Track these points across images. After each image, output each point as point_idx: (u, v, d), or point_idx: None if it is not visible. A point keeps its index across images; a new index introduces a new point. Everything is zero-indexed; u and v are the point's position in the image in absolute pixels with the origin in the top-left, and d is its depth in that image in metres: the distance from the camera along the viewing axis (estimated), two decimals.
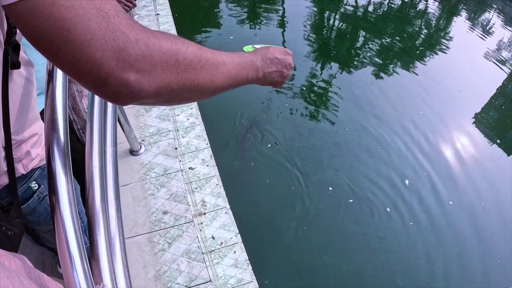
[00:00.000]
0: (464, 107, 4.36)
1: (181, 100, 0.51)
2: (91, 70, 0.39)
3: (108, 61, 0.39)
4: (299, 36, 5.40)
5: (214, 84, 0.54)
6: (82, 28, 0.37)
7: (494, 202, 3.12)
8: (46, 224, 1.01)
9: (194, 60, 0.48)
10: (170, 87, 0.46)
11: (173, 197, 2.03)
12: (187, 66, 0.47)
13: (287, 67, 0.75)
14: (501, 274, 2.58)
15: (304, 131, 3.50)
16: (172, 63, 0.45)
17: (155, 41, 0.43)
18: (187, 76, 0.47)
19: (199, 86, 0.51)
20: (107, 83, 0.40)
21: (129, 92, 0.42)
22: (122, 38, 0.39)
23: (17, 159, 0.82)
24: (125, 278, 0.72)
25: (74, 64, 0.39)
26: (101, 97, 0.43)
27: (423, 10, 7.33)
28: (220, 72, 0.54)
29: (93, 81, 0.40)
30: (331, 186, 2.95)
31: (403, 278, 2.43)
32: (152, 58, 0.42)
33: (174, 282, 1.68)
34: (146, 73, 0.42)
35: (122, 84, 0.41)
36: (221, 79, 0.55)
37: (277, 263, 2.39)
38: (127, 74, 0.40)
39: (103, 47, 0.38)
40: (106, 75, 0.39)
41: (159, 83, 0.44)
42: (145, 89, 0.43)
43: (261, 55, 0.70)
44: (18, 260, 0.62)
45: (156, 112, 2.54)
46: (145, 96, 0.43)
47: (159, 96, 0.45)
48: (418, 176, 3.21)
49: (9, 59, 0.69)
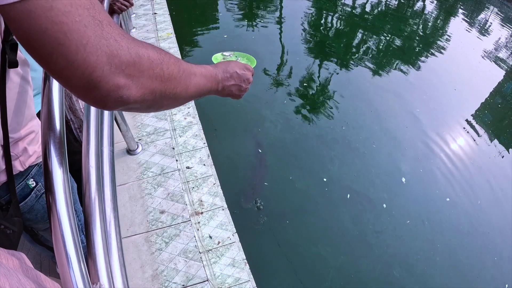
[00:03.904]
0: (460, 106, 4.39)
1: (159, 107, 0.54)
2: (84, 73, 0.40)
3: (101, 65, 0.40)
4: (297, 34, 5.41)
5: (187, 93, 0.58)
6: (78, 33, 0.38)
7: (491, 200, 3.14)
8: (44, 222, 1.01)
9: (174, 70, 0.52)
10: (154, 93, 0.48)
11: (170, 196, 2.03)
12: (170, 75, 0.51)
13: (245, 82, 0.79)
14: (498, 271, 2.60)
15: (300, 128, 3.51)
16: (157, 71, 0.48)
17: (144, 50, 0.45)
18: (168, 84, 0.51)
19: (176, 94, 0.54)
20: (98, 87, 0.41)
21: (119, 96, 0.43)
22: (115, 45, 0.41)
23: (14, 156, 0.82)
24: (122, 278, 0.72)
25: (66, 67, 0.39)
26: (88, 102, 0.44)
27: (420, 9, 7.35)
28: (193, 82, 0.59)
29: (84, 85, 0.41)
30: (330, 185, 2.96)
31: (400, 271, 2.45)
32: (141, 66, 0.45)
33: (171, 281, 1.68)
34: (135, 79, 0.44)
35: (113, 89, 0.42)
36: (192, 88, 0.59)
37: (274, 262, 2.39)
38: (118, 79, 0.42)
39: (97, 52, 0.39)
40: (98, 79, 0.41)
41: (145, 89, 0.46)
42: (132, 94, 0.45)
43: (222, 69, 0.74)
44: (15, 259, 0.62)
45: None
46: (132, 101, 0.45)
47: (143, 101, 0.47)
48: (415, 173, 3.23)
49: (7, 58, 0.69)
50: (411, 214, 2.84)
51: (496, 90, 4.97)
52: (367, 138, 3.47)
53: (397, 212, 2.83)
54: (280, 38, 5.21)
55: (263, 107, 3.71)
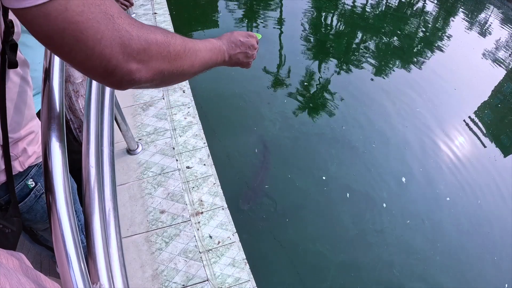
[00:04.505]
0: (459, 105, 4.39)
1: (169, 83, 0.60)
2: (101, 64, 0.45)
3: (116, 55, 0.45)
4: (297, 34, 5.40)
5: (194, 68, 0.62)
6: (92, 29, 0.42)
7: (491, 200, 3.14)
8: (43, 222, 1.01)
9: (181, 50, 0.56)
10: (162, 73, 0.54)
11: (170, 196, 2.03)
12: (176, 55, 0.55)
13: (251, 48, 0.83)
14: (498, 271, 2.60)
15: (300, 127, 3.51)
16: (165, 54, 0.53)
17: (152, 36, 0.50)
18: (175, 64, 0.56)
19: (183, 71, 0.59)
20: (113, 74, 0.47)
21: (131, 79, 0.49)
22: (127, 36, 0.46)
23: (13, 157, 0.82)
24: (122, 278, 0.72)
25: (85, 60, 0.44)
26: (106, 85, 0.51)
27: (421, 9, 7.35)
28: (198, 58, 0.63)
29: (101, 73, 0.46)
30: (330, 184, 2.96)
31: (400, 270, 2.45)
32: (150, 51, 0.49)
33: (172, 281, 1.68)
34: (145, 63, 0.49)
35: (126, 73, 0.48)
36: (198, 64, 0.64)
37: (274, 261, 2.39)
38: (130, 65, 0.47)
39: (111, 44, 0.44)
40: (113, 67, 0.46)
41: (155, 71, 0.52)
42: (143, 76, 0.50)
43: (226, 39, 0.78)
44: (15, 259, 0.62)
45: (153, 111, 2.54)
46: (143, 81, 0.51)
47: (153, 81, 0.53)
48: (415, 172, 3.23)
49: (7, 58, 0.69)
50: (411, 214, 2.84)
51: (496, 89, 4.97)
52: (367, 138, 3.47)
53: (397, 212, 2.83)
54: (280, 38, 5.21)
55: (263, 106, 3.71)
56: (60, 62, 0.86)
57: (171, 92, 2.70)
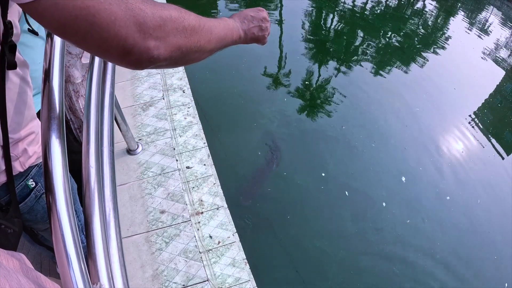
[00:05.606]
0: (459, 105, 4.39)
1: (187, 61, 0.59)
2: (118, 44, 0.45)
3: (132, 34, 0.45)
4: (297, 33, 5.40)
5: (210, 44, 0.62)
6: (105, 12, 0.42)
7: (491, 199, 3.15)
8: (43, 222, 1.01)
9: (196, 25, 0.56)
10: (180, 49, 0.53)
11: (170, 196, 2.03)
12: (192, 30, 0.55)
13: (263, 21, 0.82)
14: (498, 270, 2.60)
15: (300, 126, 3.51)
16: (181, 29, 0.52)
17: (166, 12, 0.50)
18: (192, 39, 0.55)
19: (200, 46, 0.58)
20: (131, 53, 0.47)
21: (150, 57, 0.49)
22: (141, 14, 0.46)
23: (14, 157, 0.82)
24: (122, 278, 0.72)
25: (102, 43, 0.44)
26: (124, 66, 0.50)
27: (420, 9, 7.35)
28: (214, 34, 0.63)
29: (119, 53, 0.46)
30: (329, 183, 2.96)
31: (400, 268, 2.46)
32: (166, 27, 0.49)
33: (172, 281, 1.68)
34: (162, 40, 0.49)
35: (144, 52, 0.48)
36: (215, 40, 0.63)
37: (274, 261, 2.39)
38: (148, 43, 0.47)
39: (126, 24, 0.44)
40: (131, 46, 0.46)
41: (173, 47, 0.51)
42: (162, 53, 0.50)
43: (237, 17, 0.78)
44: (15, 259, 0.62)
45: (153, 111, 2.54)
46: (162, 59, 0.50)
47: (172, 58, 0.52)
48: (415, 171, 3.23)
49: (6, 60, 0.69)
50: (411, 213, 2.84)
51: (496, 89, 4.97)
52: (367, 137, 3.47)
53: (397, 211, 2.83)
54: (280, 38, 5.21)
55: (263, 106, 3.71)
56: (60, 62, 0.86)
57: (171, 92, 2.70)
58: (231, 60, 4.33)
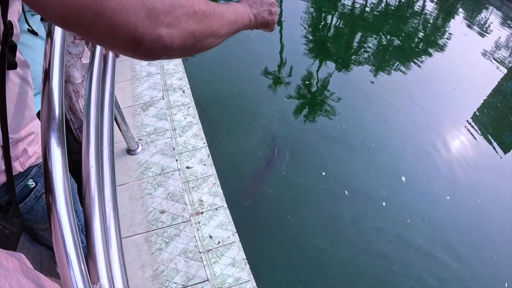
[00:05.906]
0: (459, 104, 4.39)
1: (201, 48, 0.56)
2: (128, 34, 0.42)
3: (141, 21, 0.43)
4: (297, 33, 5.40)
5: (223, 29, 0.60)
6: None
7: (491, 199, 3.15)
8: (43, 222, 1.01)
9: (206, 9, 0.54)
10: (193, 35, 0.51)
11: (170, 196, 2.03)
12: (203, 15, 0.53)
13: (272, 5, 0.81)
14: (498, 270, 2.60)
15: (300, 126, 3.51)
16: (191, 14, 0.50)
17: None
18: (204, 24, 0.53)
19: (213, 31, 0.56)
20: (143, 42, 0.44)
21: (163, 45, 0.46)
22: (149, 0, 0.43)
23: (14, 157, 0.82)
24: (122, 278, 0.72)
25: (110, 34, 0.42)
26: (136, 57, 0.48)
27: (421, 9, 7.35)
28: (225, 18, 0.61)
29: (129, 43, 0.44)
30: (329, 183, 2.96)
31: (399, 267, 2.46)
32: (176, 12, 0.47)
33: (172, 281, 1.68)
34: (174, 26, 0.47)
35: (156, 40, 0.45)
36: (227, 24, 0.61)
37: (274, 261, 2.39)
38: (159, 30, 0.45)
39: (135, 11, 0.42)
40: (142, 35, 0.43)
41: (185, 33, 0.49)
42: (175, 40, 0.47)
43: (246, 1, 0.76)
44: (15, 259, 0.62)
45: (153, 111, 2.54)
46: (175, 47, 0.48)
47: (185, 45, 0.50)
48: (415, 171, 3.23)
49: (6, 60, 0.69)
50: (411, 213, 2.84)
51: (496, 89, 4.97)
52: (367, 137, 3.47)
53: (397, 211, 2.83)
54: (280, 38, 5.21)
55: (263, 105, 3.71)
56: (60, 62, 0.86)
57: (171, 92, 2.70)
58: (231, 60, 4.33)
